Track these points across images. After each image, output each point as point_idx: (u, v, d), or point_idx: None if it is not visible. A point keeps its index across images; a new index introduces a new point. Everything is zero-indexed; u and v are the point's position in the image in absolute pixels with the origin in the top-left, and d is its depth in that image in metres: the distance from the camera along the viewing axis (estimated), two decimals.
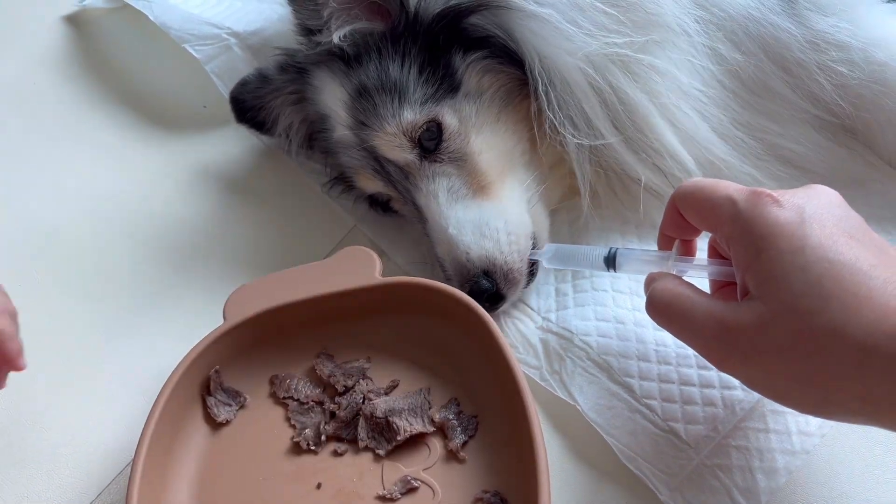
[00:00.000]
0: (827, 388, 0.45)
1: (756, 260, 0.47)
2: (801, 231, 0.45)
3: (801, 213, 0.46)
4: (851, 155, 0.76)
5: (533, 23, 0.64)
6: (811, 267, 0.44)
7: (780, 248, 0.45)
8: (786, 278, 0.45)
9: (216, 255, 0.82)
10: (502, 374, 0.60)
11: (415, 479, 0.60)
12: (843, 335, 0.43)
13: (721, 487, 0.60)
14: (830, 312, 0.43)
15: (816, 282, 0.44)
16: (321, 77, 0.73)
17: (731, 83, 0.70)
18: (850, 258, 0.44)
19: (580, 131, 0.66)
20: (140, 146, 0.95)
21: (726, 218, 0.50)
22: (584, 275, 0.72)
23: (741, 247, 0.49)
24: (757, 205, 0.48)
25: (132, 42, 1.05)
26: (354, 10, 0.68)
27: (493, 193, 0.68)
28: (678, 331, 0.54)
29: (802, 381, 0.46)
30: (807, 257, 0.44)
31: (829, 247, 0.44)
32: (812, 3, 0.71)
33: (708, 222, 0.53)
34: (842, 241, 0.45)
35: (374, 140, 0.69)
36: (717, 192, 0.51)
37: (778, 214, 0.47)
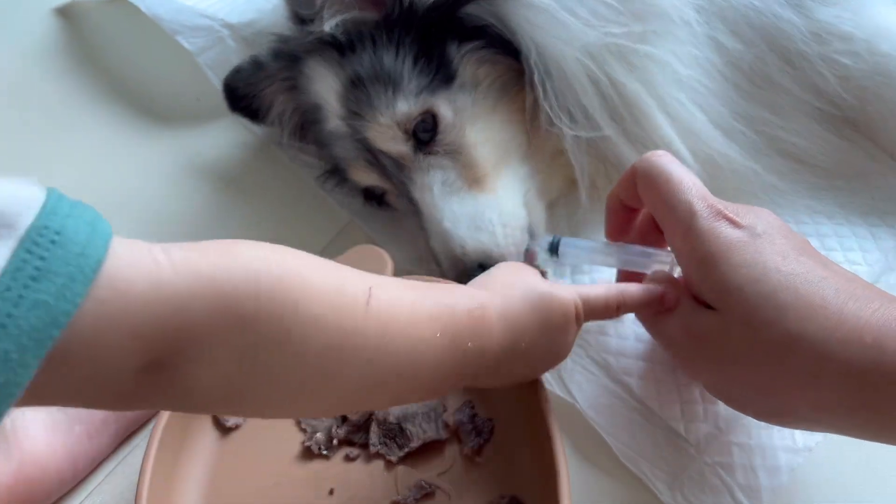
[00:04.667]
0: (783, 396, 0.47)
1: (711, 274, 0.48)
2: (754, 246, 0.47)
3: (753, 230, 0.48)
4: (854, 147, 0.75)
5: (530, 12, 0.63)
6: (766, 279, 0.45)
7: (734, 263, 0.47)
8: (741, 291, 0.46)
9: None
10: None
11: (429, 483, 0.59)
12: (798, 344, 0.44)
13: (722, 486, 0.59)
14: (786, 322, 0.44)
15: (772, 293, 0.45)
16: (314, 66, 0.72)
17: (732, 74, 0.69)
18: (802, 270, 0.46)
19: (577, 123, 0.65)
20: (132, 139, 0.94)
21: (680, 230, 0.50)
22: (582, 270, 0.71)
23: (693, 263, 0.50)
24: (714, 226, 0.49)
25: (124, 34, 1.04)
26: None
27: (489, 186, 0.67)
28: (651, 330, 0.57)
29: (759, 389, 0.48)
30: (761, 270, 0.46)
31: (782, 260, 0.46)
32: None
33: (660, 217, 0.54)
34: (793, 255, 0.47)
35: (368, 131, 0.68)
36: (679, 195, 0.51)
37: (731, 233, 0.48)
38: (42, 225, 0.31)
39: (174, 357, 0.35)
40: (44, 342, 0.30)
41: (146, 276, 0.34)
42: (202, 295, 0.35)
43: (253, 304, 0.36)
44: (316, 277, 0.40)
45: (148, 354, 0.34)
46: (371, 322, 0.41)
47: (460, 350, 0.45)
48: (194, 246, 0.37)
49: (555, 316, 0.50)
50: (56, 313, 0.30)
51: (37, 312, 0.29)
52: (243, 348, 0.37)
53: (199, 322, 0.35)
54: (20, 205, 0.31)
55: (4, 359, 0.29)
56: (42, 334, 0.30)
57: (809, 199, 0.74)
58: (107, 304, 0.32)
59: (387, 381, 0.43)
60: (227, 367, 0.37)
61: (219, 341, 0.36)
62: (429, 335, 0.44)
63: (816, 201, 0.74)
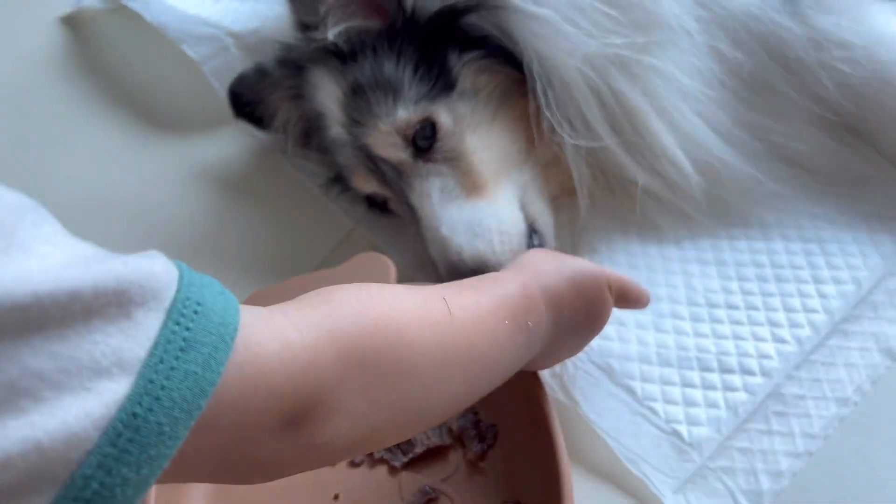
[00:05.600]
0: None
1: None
2: None
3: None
4: (854, 153, 0.76)
5: (532, 23, 0.64)
6: None
7: None
8: None
9: (214, 256, 0.82)
10: (522, 382, 0.59)
11: (433, 489, 0.59)
12: None
13: (724, 490, 0.59)
14: None
15: None
16: (317, 74, 0.73)
17: (733, 82, 0.70)
18: None
19: (578, 133, 0.65)
20: (138, 146, 0.95)
21: None
22: None
23: None
24: None
25: (129, 42, 1.05)
26: (351, 7, 0.67)
27: (488, 193, 0.67)
28: None
29: None
30: None
31: None
32: (814, 1, 0.70)
33: None
34: None
35: (368, 138, 0.69)
36: None
37: None
38: (184, 297, 0.32)
39: (312, 411, 0.36)
40: (193, 413, 0.31)
41: (275, 337, 0.35)
42: (326, 345, 0.37)
43: (368, 342, 0.39)
44: (404, 304, 0.43)
45: (288, 412, 0.35)
46: (458, 329, 0.44)
47: (524, 330, 0.49)
48: (300, 303, 0.39)
49: (588, 285, 0.55)
50: (203, 383, 0.31)
51: (187, 383, 0.30)
52: (367, 385, 0.38)
53: (330, 372, 0.37)
54: (161, 278, 0.32)
55: (158, 432, 0.29)
56: (191, 405, 0.30)
57: (811, 204, 0.75)
58: (246, 368, 0.33)
59: (481, 376, 0.47)
60: (359, 407, 0.38)
61: (347, 384, 0.37)
62: (498, 325, 0.47)
63: (818, 207, 0.75)
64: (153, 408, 0.29)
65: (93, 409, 0.28)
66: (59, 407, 0.27)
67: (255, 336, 0.34)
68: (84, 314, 0.28)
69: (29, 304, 0.27)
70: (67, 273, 0.29)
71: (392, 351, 0.40)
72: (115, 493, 0.28)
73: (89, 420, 0.27)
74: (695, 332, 0.67)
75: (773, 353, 0.65)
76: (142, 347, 0.30)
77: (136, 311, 0.30)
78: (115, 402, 0.28)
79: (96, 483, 0.28)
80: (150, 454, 0.29)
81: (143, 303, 0.30)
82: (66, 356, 0.28)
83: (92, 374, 0.28)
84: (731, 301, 0.69)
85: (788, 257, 0.72)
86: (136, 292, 0.30)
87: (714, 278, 0.71)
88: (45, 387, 0.27)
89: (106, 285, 0.29)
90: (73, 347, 0.28)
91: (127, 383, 0.29)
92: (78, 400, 0.27)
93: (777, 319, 0.68)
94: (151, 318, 0.31)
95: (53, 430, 0.27)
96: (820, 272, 0.70)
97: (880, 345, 0.66)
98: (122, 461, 0.28)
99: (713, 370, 0.65)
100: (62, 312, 0.28)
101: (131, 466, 0.28)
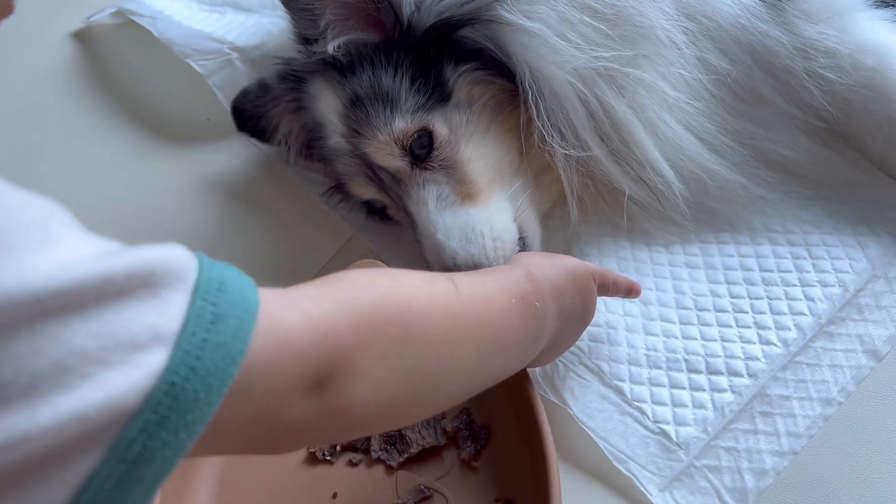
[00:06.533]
0: None
1: None
2: None
3: None
4: (841, 158, 0.77)
5: (523, 36, 0.66)
6: None
7: None
8: None
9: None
10: (514, 385, 0.61)
11: (428, 487, 0.61)
12: None
13: (710, 488, 0.61)
14: None
15: None
16: (317, 86, 0.75)
17: (720, 91, 0.71)
18: None
19: (568, 142, 0.67)
20: (145, 159, 0.97)
21: None
22: None
23: None
24: None
25: (138, 57, 1.08)
26: (350, 20, 0.69)
27: (482, 201, 0.70)
28: None
29: None
30: None
31: None
32: (800, 11, 0.71)
33: None
34: None
35: (367, 148, 0.71)
36: None
37: None
38: (207, 277, 0.35)
39: (333, 375, 0.39)
40: (226, 380, 0.34)
41: (295, 309, 0.39)
42: (341, 315, 0.40)
43: (379, 312, 0.42)
44: (411, 281, 0.46)
45: (312, 376, 0.38)
46: (466, 303, 0.47)
47: (532, 311, 0.52)
48: (314, 284, 0.42)
49: (581, 276, 0.59)
50: (234, 352, 0.34)
51: (220, 353, 0.33)
52: (383, 353, 0.41)
53: (347, 338, 0.40)
54: (183, 262, 0.35)
55: (194, 398, 0.32)
56: (224, 373, 0.33)
57: (798, 209, 0.76)
58: (271, 338, 0.36)
59: (493, 352, 0.49)
60: (377, 373, 0.41)
61: (364, 350, 0.40)
62: (506, 303, 0.50)
63: (805, 211, 0.76)
64: (189, 376, 0.32)
65: (135, 381, 0.31)
66: (104, 381, 0.30)
67: (276, 309, 0.37)
68: (117, 296, 0.31)
69: (70, 288, 0.30)
70: (100, 261, 0.32)
71: (402, 319, 0.43)
72: (155, 455, 0.31)
73: (132, 391, 0.30)
74: (683, 335, 0.69)
75: (760, 355, 0.67)
76: (174, 322, 0.33)
77: (163, 291, 0.33)
78: (155, 373, 0.31)
79: (139, 446, 0.31)
80: (187, 419, 0.32)
81: (169, 284, 0.33)
82: (106, 335, 0.30)
83: (131, 349, 0.31)
84: (719, 304, 0.71)
85: (776, 260, 0.73)
86: (162, 275, 0.33)
87: (703, 281, 0.72)
88: (90, 363, 0.30)
89: (135, 270, 0.32)
90: (110, 326, 0.31)
91: (164, 355, 0.32)
92: (121, 373, 0.30)
93: (764, 322, 0.69)
94: (178, 296, 0.33)
95: (100, 402, 0.29)
96: (807, 275, 0.72)
97: (865, 346, 0.67)
98: (162, 426, 0.31)
99: (701, 371, 0.66)
100: (98, 295, 0.31)
101: (170, 431, 0.31)
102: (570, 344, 0.64)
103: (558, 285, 0.56)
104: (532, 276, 0.54)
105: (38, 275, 0.29)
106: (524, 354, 0.54)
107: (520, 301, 0.51)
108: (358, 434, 0.55)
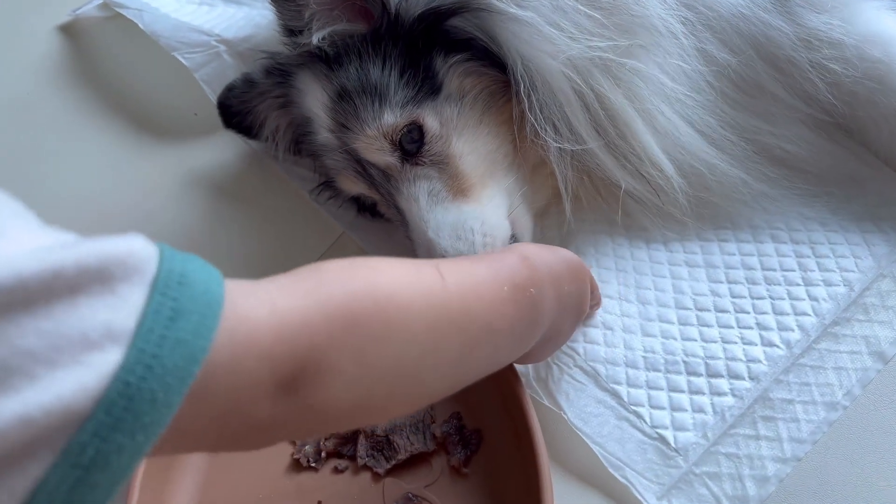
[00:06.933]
0: None
1: None
2: None
3: None
4: (846, 153, 0.75)
5: (515, 25, 0.63)
6: None
7: None
8: None
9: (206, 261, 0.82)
10: (505, 388, 0.59)
11: (416, 495, 0.59)
12: None
13: (710, 496, 0.59)
14: None
15: None
16: (304, 79, 0.73)
17: (721, 84, 0.69)
18: None
19: (562, 136, 0.64)
20: (132, 153, 0.95)
21: None
22: None
23: None
24: None
25: (125, 50, 1.06)
26: (336, 11, 0.67)
27: (474, 196, 0.67)
28: None
29: None
30: None
31: None
32: (804, 1, 0.69)
33: None
34: None
35: (355, 143, 0.68)
36: None
37: None
38: (167, 269, 0.33)
39: (304, 373, 0.37)
40: (185, 379, 0.31)
41: (263, 303, 0.36)
42: (315, 309, 0.37)
43: (357, 304, 0.39)
44: (393, 271, 0.44)
45: (281, 374, 0.36)
46: (452, 293, 0.45)
47: (527, 297, 0.50)
48: (290, 275, 0.40)
49: (577, 265, 0.57)
50: (195, 349, 0.32)
51: (180, 350, 0.31)
52: (359, 347, 0.39)
53: (319, 333, 0.37)
54: (141, 254, 0.32)
55: (151, 399, 0.30)
56: (184, 372, 0.31)
57: (801, 205, 0.74)
58: (236, 334, 0.34)
59: (480, 342, 0.46)
60: (353, 369, 0.39)
61: (338, 346, 0.38)
62: (497, 292, 0.48)
63: (809, 208, 0.74)
64: (146, 376, 0.30)
65: (87, 382, 0.28)
66: (52, 382, 0.28)
67: (243, 303, 0.35)
68: (69, 291, 0.29)
69: (13, 285, 0.28)
70: (49, 255, 0.29)
71: (382, 313, 0.40)
72: (110, 459, 0.29)
73: (84, 392, 0.28)
74: (682, 336, 0.67)
75: (762, 357, 0.65)
76: (130, 319, 0.30)
77: (119, 286, 0.31)
78: (109, 373, 0.29)
79: (92, 450, 0.29)
80: (144, 422, 0.30)
81: (125, 278, 0.31)
82: (55, 333, 0.29)
83: (83, 348, 0.29)
84: (719, 304, 0.68)
85: (779, 259, 0.71)
86: (117, 268, 0.31)
87: (703, 281, 0.70)
88: (37, 364, 0.28)
89: (87, 263, 0.30)
90: (60, 324, 0.29)
91: (118, 354, 0.30)
92: (71, 374, 0.28)
93: (766, 322, 0.67)
94: (136, 291, 0.31)
95: (48, 404, 0.27)
96: (811, 274, 0.70)
97: (871, 348, 0.65)
98: (117, 429, 0.29)
99: (700, 374, 0.64)
100: (47, 291, 0.29)
101: (126, 434, 0.29)
102: (567, 337, 0.62)
103: (556, 272, 0.54)
104: (528, 262, 0.52)
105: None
106: (517, 344, 0.52)
107: (513, 288, 0.48)
108: (331, 430, 0.52)
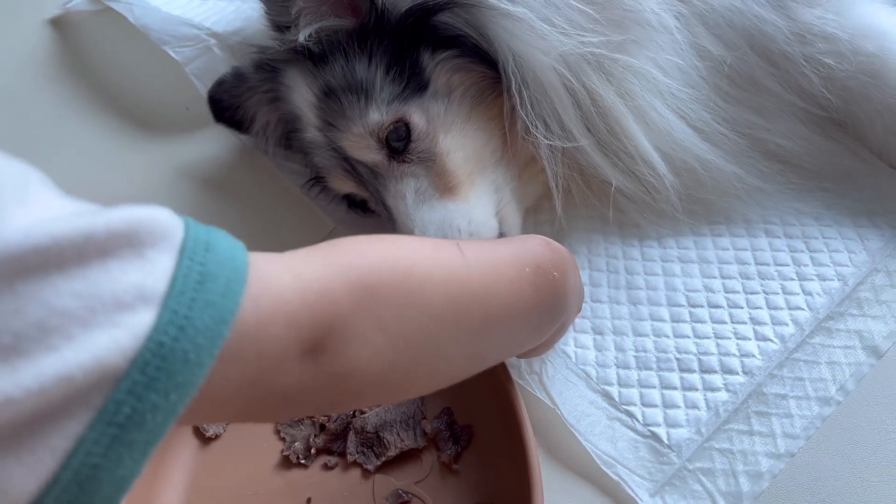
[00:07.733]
0: None
1: None
2: None
3: None
4: (840, 148, 0.75)
5: (506, 21, 0.62)
6: None
7: None
8: None
9: None
10: (496, 384, 0.59)
11: (406, 492, 0.59)
12: None
13: (703, 492, 0.59)
14: None
15: None
16: (291, 76, 0.72)
17: (715, 79, 0.69)
18: None
19: (553, 133, 0.64)
20: (123, 147, 0.95)
21: None
22: None
23: None
24: None
25: (116, 44, 1.05)
26: (323, 6, 0.66)
27: (461, 194, 0.67)
28: None
29: None
30: None
31: None
32: None
33: None
34: None
35: (342, 141, 0.68)
36: None
37: None
38: (193, 236, 0.34)
39: (329, 339, 0.37)
40: (216, 340, 0.32)
41: (287, 270, 0.37)
42: (337, 277, 0.38)
43: (377, 275, 0.40)
44: (412, 245, 0.44)
45: (307, 340, 0.36)
46: (472, 270, 0.45)
47: (549, 281, 0.49)
48: (309, 248, 0.40)
49: (573, 262, 0.56)
50: (223, 312, 0.32)
51: (209, 312, 0.32)
52: (381, 316, 0.39)
53: (342, 300, 0.38)
54: (168, 223, 0.33)
55: (184, 359, 0.31)
56: (214, 332, 0.32)
57: (796, 200, 0.73)
58: (262, 299, 0.34)
59: (499, 321, 0.46)
60: (376, 338, 0.39)
61: (361, 314, 0.38)
62: (518, 272, 0.48)
63: (803, 203, 0.73)
64: (178, 336, 0.31)
65: (122, 342, 0.29)
66: (89, 342, 0.29)
67: (267, 270, 0.36)
68: (100, 255, 0.30)
69: (48, 245, 0.29)
70: (79, 219, 0.30)
71: (403, 283, 0.41)
72: (145, 418, 0.30)
73: (119, 352, 0.29)
74: (675, 333, 0.66)
75: (756, 352, 0.65)
76: (161, 282, 0.31)
77: (148, 251, 0.32)
78: (143, 333, 0.30)
79: (128, 408, 0.29)
80: (177, 381, 0.31)
81: (153, 243, 0.32)
82: (89, 294, 0.29)
83: (116, 309, 0.30)
84: (713, 300, 0.68)
85: (773, 254, 0.71)
86: (146, 234, 0.32)
87: (696, 276, 0.70)
88: (73, 324, 0.29)
89: (118, 228, 0.31)
90: (94, 285, 0.30)
91: (151, 315, 0.30)
92: (106, 334, 0.29)
93: (761, 317, 0.67)
94: (164, 256, 0.32)
95: (86, 363, 0.28)
96: (805, 269, 0.69)
97: (865, 342, 0.65)
98: (151, 388, 0.30)
99: (693, 371, 0.64)
100: (79, 253, 0.30)
101: (160, 393, 0.30)
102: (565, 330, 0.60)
103: (562, 260, 0.53)
104: (552, 246, 0.52)
105: (14, 231, 0.28)
106: (537, 328, 0.51)
107: (535, 270, 0.48)
108: (356, 404, 0.53)
